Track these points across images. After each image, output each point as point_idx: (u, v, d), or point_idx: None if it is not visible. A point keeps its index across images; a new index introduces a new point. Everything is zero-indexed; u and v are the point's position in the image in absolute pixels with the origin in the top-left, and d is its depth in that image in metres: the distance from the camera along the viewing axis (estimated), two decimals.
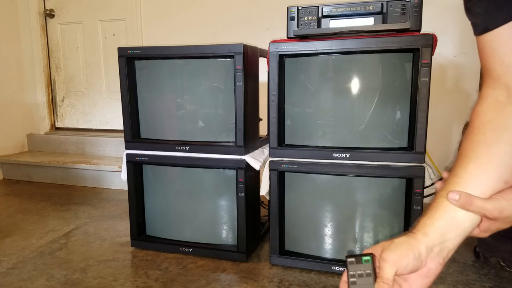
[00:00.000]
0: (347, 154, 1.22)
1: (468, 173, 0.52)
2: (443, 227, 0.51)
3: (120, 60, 1.40)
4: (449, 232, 0.51)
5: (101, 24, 2.72)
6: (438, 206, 0.53)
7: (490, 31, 0.51)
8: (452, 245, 0.51)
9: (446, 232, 0.51)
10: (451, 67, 1.96)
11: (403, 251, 0.50)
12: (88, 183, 2.47)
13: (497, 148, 0.51)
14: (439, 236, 0.51)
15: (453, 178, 0.53)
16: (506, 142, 0.51)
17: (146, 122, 1.46)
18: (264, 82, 1.31)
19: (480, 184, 0.51)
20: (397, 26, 1.12)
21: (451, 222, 0.51)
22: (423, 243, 0.51)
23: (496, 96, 0.54)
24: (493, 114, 0.53)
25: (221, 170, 1.40)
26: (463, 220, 0.51)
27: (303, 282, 1.25)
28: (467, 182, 0.51)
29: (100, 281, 1.28)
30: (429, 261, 0.51)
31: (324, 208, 1.31)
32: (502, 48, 0.51)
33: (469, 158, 0.53)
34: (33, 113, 2.92)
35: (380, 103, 1.20)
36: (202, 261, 1.41)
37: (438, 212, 0.52)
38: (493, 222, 0.52)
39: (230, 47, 1.28)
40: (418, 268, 0.51)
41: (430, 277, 0.51)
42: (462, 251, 1.45)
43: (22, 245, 1.57)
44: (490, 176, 0.51)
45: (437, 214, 0.52)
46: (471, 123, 0.56)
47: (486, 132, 0.53)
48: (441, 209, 0.52)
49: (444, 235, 0.51)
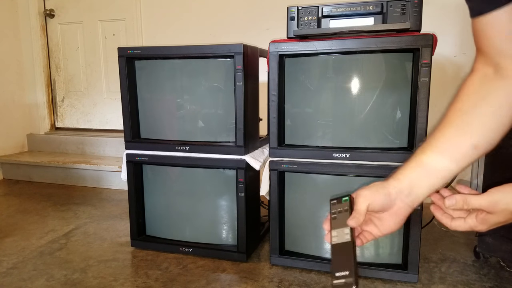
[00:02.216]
0: (347, 154, 1.22)
1: (445, 137, 0.58)
2: (413, 175, 0.59)
3: (120, 60, 1.40)
4: (418, 180, 0.58)
5: (101, 24, 2.72)
6: (413, 159, 0.60)
7: (484, 15, 0.54)
8: (420, 192, 0.58)
9: (416, 180, 0.58)
10: (451, 67, 1.96)
11: (375, 189, 0.59)
12: (88, 183, 2.47)
13: (473, 117, 0.57)
14: (408, 182, 0.58)
15: (432, 140, 0.59)
16: (482, 113, 0.57)
17: (146, 122, 1.46)
18: (264, 82, 1.31)
19: (453, 148, 0.57)
20: (397, 26, 1.12)
21: (420, 172, 0.58)
22: (393, 186, 0.59)
23: (485, 71, 0.59)
24: (477, 87, 0.59)
25: (221, 170, 1.40)
26: (432, 172, 0.58)
27: (303, 282, 1.25)
28: (444, 146, 0.58)
29: (100, 281, 1.28)
30: (398, 202, 0.58)
31: (324, 208, 1.31)
32: (493, 32, 0.55)
33: (448, 124, 0.59)
34: (33, 113, 2.92)
35: (380, 103, 1.20)
36: (202, 261, 1.41)
37: (411, 163, 0.60)
38: (490, 215, 0.55)
39: (230, 47, 1.28)
40: (389, 206, 0.58)
41: (399, 216, 0.59)
42: (462, 251, 1.45)
43: (22, 245, 1.57)
44: (463, 141, 0.57)
45: (410, 164, 0.60)
46: (458, 91, 0.61)
47: (467, 101, 0.59)
48: (414, 161, 0.60)
49: (412, 181, 0.58)
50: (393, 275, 1.24)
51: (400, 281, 1.24)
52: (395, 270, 1.23)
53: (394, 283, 1.23)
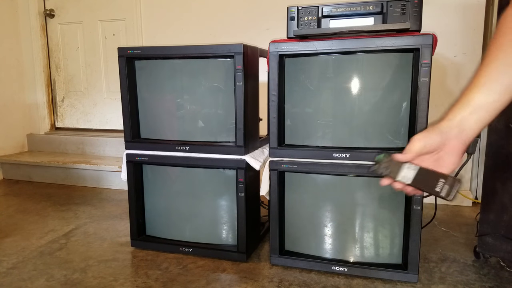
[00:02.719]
0: (347, 154, 1.22)
1: (487, 73, 0.60)
2: (462, 113, 0.62)
3: (120, 60, 1.40)
4: (467, 117, 0.61)
5: (101, 24, 2.72)
6: (460, 99, 0.63)
7: None
8: (472, 127, 0.61)
9: (465, 117, 0.61)
10: (451, 67, 1.96)
11: (427, 131, 0.63)
12: (88, 183, 2.47)
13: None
14: (459, 120, 0.61)
15: (476, 78, 0.62)
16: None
17: (146, 122, 1.46)
18: (264, 82, 1.31)
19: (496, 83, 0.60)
20: (397, 26, 1.12)
21: (468, 110, 0.61)
22: (445, 126, 0.62)
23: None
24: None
25: (221, 170, 1.40)
26: (479, 108, 0.61)
27: (303, 282, 1.25)
28: (487, 82, 0.60)
29: (100, 281, 1.28)
30: (453, 139, 0.62)
31: (324, 208, 1.31)
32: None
33: (490, 60, 0.61)
34: (33, 113, 2.92)
35: (380, 103, 1.20)
36: (202, 261, 1.41)
37: (458, 103, 0.63)
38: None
39: (230, 47, 1.28)
40: (444, 144, 0.62)
41: (456, 153, 0.63)
42: (462, 251, 1.45)
43: (22, 245, 1.57)
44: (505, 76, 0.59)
45: (458, 104, 0.63)
46: (497, 27, 0.63)
47: (506, 35, 0.60)
48: (461, 101, 0.62)
49: (463, 119, 0.61)
50: (393, 275, 1.24)
51: (400, 281, 1.24)
52: (395, 270, 1.24)
53: (394, 283, 1.23)
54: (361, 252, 1.29)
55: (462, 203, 2.02)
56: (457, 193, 0.61)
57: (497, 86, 0.59)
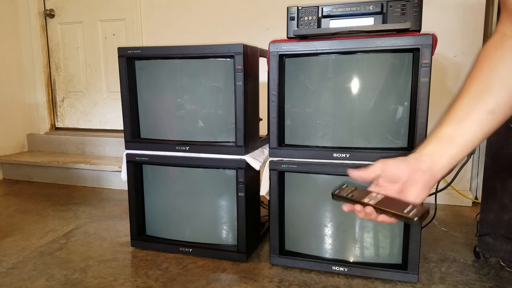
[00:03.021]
0: (347, 154, 1.22)
1: (460, 106, 0.57)
2: (431, 146, 0.58)
3: (120, 60, 1.40)
4: (437, 150, 0.58)
5: (101, 24, 2.72)
6: (432, 132, 0.60)
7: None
8: (441, 161, 0.57)
9: (435, 151, 0.58)
10: (451, 67, 1.96)
11: (394, 158, 0.59)
12: (88, 183, 2.47)
13: (489, 81, 0.56)
14: (428, 152, 0.58)
15: (448, 111, 0.59)
16: (499, 75, 0.55)
17: (146, 122, 1.46)
18: (264, 82, 1.31)
19: (467, 116, 0.56)
20: (397, 26, 1.12)
21: (438, 143, 0.58)
22: (413, 157, 0.59)
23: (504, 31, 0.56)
24: (495, 48, 0.57)
25: (221, 170, 1.40)
26: (449, 142, 0.57)
27: (303, 282, 1.25)
28: (458, 115, 0.57)
29: (100, 281, 1.28)
30: (419, 172, 0.57)
31: (324, 208, 1.31)
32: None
33: (464, 92, 0.58)
34: (33, 113, 2.92)
35: (380, 103, 1.20)
36: (202, 261, 1.41)
37: (430, 136, 0.59)
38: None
39: (230, 47, 1.28)
40: (409, 176, 0.58)
41: (420, 188, 0.57)
42: (462, 251, 1.45)
43: (22, 245, 1.57)
44: (478, 109, 0.56)
45: (429, 137, 0.59)
46: (477, 57, 0.60)
47: (483, 66, 0.57)
48: (433, 134, 0.59)
49: (432, 152, 0.58)
50: (393, 275, 1.24)
51: (400, 281, 1.24)
52: (395, 270, 1.24)
53: (394, 283, 1.23)
54: (361, 252, 1.29)
55: (462, 203, 2.02)
56: (425, 217, 0.56)
57: (469, 121, 0.56)
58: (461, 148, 0.57)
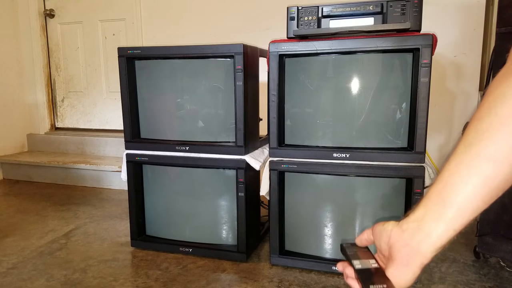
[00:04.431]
0: (347, 154, 1.22)
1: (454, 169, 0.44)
2: (421, 208, 0.46)
3: (120, 60, 1.40)
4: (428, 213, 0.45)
5: (101, 24, 2.72)
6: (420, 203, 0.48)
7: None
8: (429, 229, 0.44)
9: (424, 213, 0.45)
10: (451, 67, 1.96)
11: (380, 224, 0.49)
12: (88, 183, 2.47)
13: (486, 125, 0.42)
14: (417, 217, 0.46)
15: (444, 172, 0.45)
16: (495, 113, 0.42)
17: (146, 122, 1.46)
18: (264, 82, 1.31)
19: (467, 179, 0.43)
20: (397, 26, 1.12)
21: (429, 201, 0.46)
22: (401, 222, 0.47)
23: (506, 68, 0.44)
24: (494, 87, 0.43)
25: (221, 170, 1.40)
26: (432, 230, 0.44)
27: (303, 282, 1.25)
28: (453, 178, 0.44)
29: (100, 281, 1.28)
30: (403, 247, 0.45)
31: (324, 208, 1.31)
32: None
33: (462, 144, 0.44)
34: (33, 113, 2.92)
35: (380, 103, 1.20)
36: (202, 261, 1.41)
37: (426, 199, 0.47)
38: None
39: (230, 47, 1.28)
40: (385, 245, 0.47)
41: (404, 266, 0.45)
42: (462, 251, 1.45)
43: (22, 245, 1.57)
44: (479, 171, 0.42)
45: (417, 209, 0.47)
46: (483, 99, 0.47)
47: (482, 107, 0.44)
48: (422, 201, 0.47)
49: (421, 216, 0.45)
50: None
51: None
52: None
53: None
54: None
55: None
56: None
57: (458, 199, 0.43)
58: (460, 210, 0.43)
